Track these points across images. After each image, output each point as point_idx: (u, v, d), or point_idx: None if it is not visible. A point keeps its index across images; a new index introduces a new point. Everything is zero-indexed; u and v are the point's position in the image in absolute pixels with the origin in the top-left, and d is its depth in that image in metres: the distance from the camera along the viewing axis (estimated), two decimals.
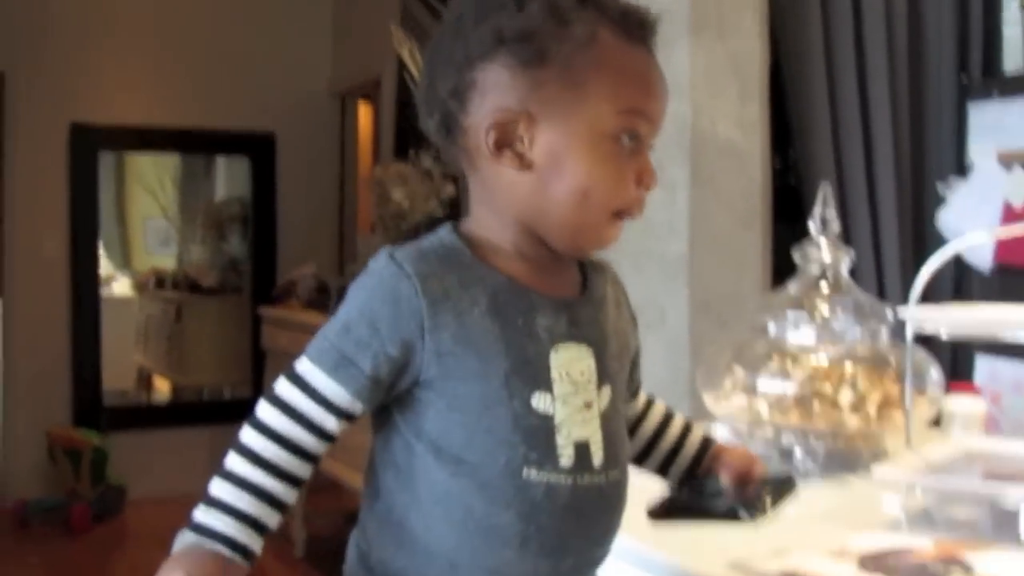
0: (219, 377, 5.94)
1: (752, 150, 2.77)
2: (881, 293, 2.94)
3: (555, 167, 0.93)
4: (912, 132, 3.12)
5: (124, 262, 7.54)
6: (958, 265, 3.04)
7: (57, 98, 5.13)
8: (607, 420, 0.96)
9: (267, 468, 0.89)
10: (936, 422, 1.56)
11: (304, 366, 0.92)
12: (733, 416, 1.52)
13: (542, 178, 0.93)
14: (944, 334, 1.27)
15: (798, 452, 1.46)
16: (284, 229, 5.59)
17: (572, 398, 0.93)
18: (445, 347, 0.90)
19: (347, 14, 5.48)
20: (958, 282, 3.07)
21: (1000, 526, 1.14)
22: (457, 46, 0.95)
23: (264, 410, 0.91)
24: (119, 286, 7.11)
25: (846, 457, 1.49)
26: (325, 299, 4.42)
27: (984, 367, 2.70)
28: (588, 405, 0.94)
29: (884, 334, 1.52)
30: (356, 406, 0.92)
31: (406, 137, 4.56)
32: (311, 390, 0.91)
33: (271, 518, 0.90)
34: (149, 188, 6.57)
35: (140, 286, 6.55)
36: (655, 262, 2.70)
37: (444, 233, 0.97)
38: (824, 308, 1.54)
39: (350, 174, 5.57)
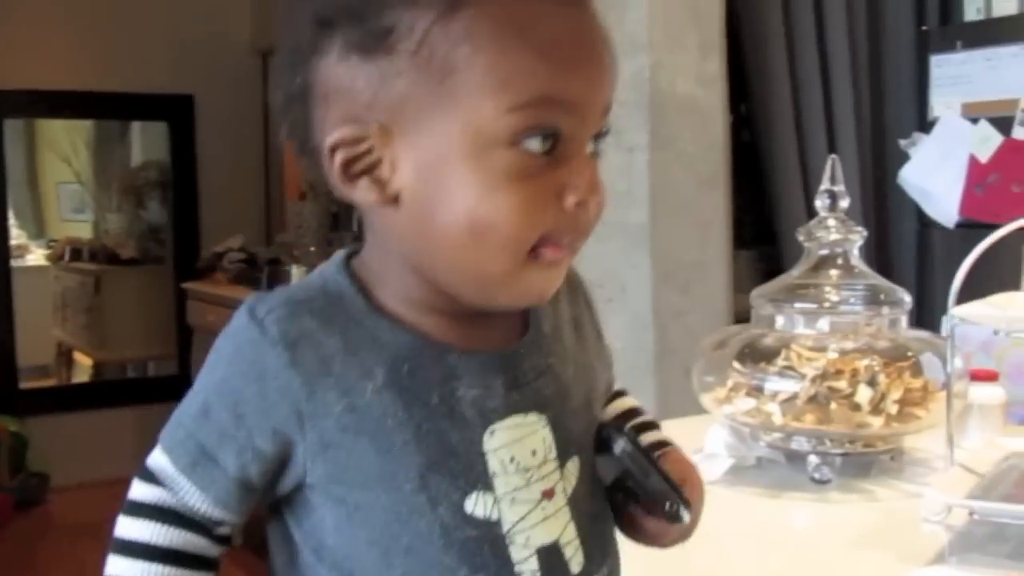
0: (143, 352, 5.69)
1: (713, 106, 2.60)
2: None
3: (429, 197, 0.64)
4: (872, 87, 3.00)
5: (38, 231, 7.21)
6: (921, 219, 2.94)
7: None
8: (579, 505, 0.70)
9: None
10: None
11: (157, 460, 0.68)
12: (737, 419, 1.35)
13: (416, 213, 0.65)
14: (992, 329, 1.11)
15: (813, 459, 1.30)
16: (207, 196, 5.32)
17: (523, 492, 0.67)
18: (331, 439, 0.65)
19: None
20: (921, 236, 2.98)
21: None
22: (286, 34, 0.69)
23: (126, 526, 0.68)
24: (33, 257, 6.79)
25: (861, 461, 1.34)
26: (254, 273, 4.19)
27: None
28: (548, 494, 0.68)
29: (903, 322, 1.36)
30: (225, 515, 0.68)
31: None
32: (171, 490, 0.68)
33: None
34: (62, 154, 6.25)
35: (55, 257, 6.24)
36: (615, 233, 2.52)
37: (332, 270, 0.70)
38: (834, 295, 1.37)
39: (276, 137, 5.32)
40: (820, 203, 1.38)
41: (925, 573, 0.99)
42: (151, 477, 0.68)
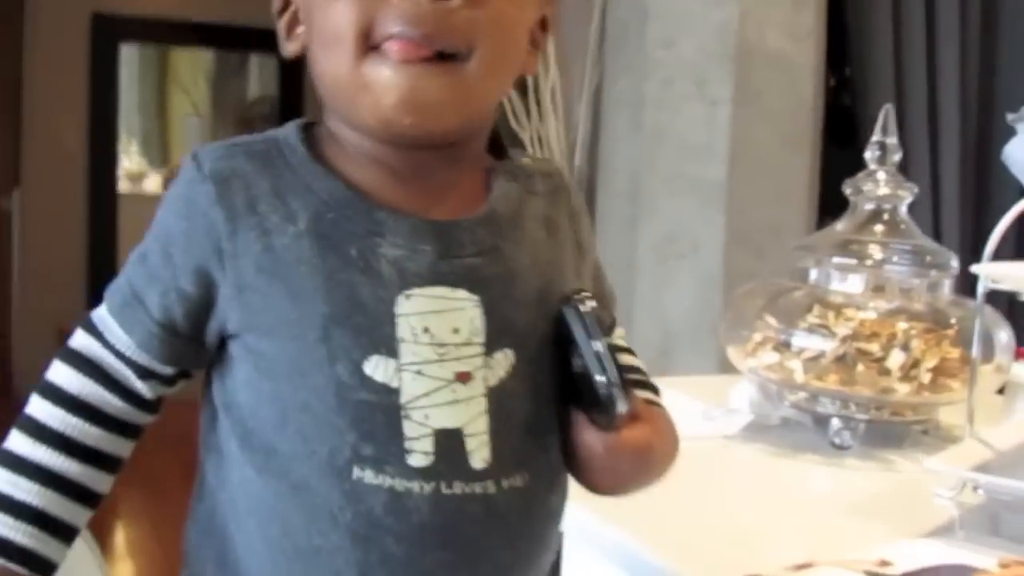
0: None
1: (804, 63, 2.49)
2: (937, 235, 2.70)
3: (310, 31, 0.68)
4: (982, 55, 2.85)
5: (162, 159, 7.44)
6: None
7: None
8: (502, 400, 0.65)
9: (60, 443, 0.66)
10: (1002, 391, 1.33)
11: (99, 309, 0.69)
12: (760, 375, 1.29)
13: (311, 53, 0.69)
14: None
15: (835, 422, 1.24)
16: None
17: (433, 367, 0.63)
18: (247, 281, 0.64)
19: None
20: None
21: None
22: None
23: (53, 370, 0.68)
24: (151, 183, 7.00)
25: (891, 431, 1.27)
26: None
27: None
28: (464, 378, 0.64)
29: (946, 288, 1.28)
30: (150, 362, 0.67)
31: None
32: (102, 337, 0.68)
33: (77, 515, 0.67)
34: (183, 85, 6.42)
35: (168, 184, 6.43)
36: (690, 187, 2.45)
37: (288, 127, 0.70)
38: (877, 253, 1.30)
39: None
40: (870, 155, 1.31)
41: (909, 544, 0.93)
42: (89, 325, 0.69)
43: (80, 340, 0.69)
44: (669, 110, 2.47)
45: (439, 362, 0.64)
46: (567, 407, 0.68)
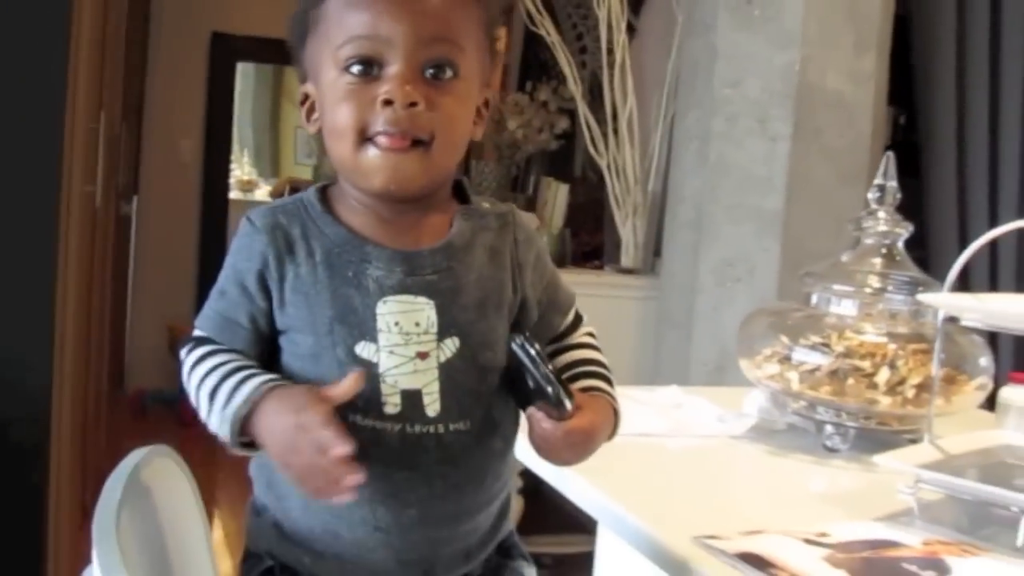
0: None
1: (863, 103, 2.65)
2: (993, 271, 2.81)
3: (324, 120, 0.96)
4: None
5: (272, 170, 7.80)
6: None
7: (199, 7, 5.27)
8: (450, 371, 0.93)
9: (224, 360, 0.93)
10: (991, 407, 1.50)
11: (192, 334, 0.96)
12: (764, 384, 1.48)
13: (324, 134, 0.96)
14: (980, 324, 1.20)
15: (828, 428, 1.42)
16: None
17: (401, 348, 0.92)
18: (287, 297, 0.93)
19: None
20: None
21: (1002, 531, 1.09)
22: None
23: (188, 371, 0.94)
24: (261, 193, 7.35)
25: (881, 438, 1.44)
26: None
27: None
28: (423, 356, 0.92)
29: (937, 315, 1.45)
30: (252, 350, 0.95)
31: (529, 67, 4.53)
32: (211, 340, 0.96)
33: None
34: (294, 99, 6.74)
35: (275, 194, 6.75)
36: (750, 216, 2.63)
37: (310, 191, 0.99)
38: (875, 282, 1.47)
39: None
40: (871, 195, 1.49)
41: (850, 522, 1.11)
42: (186, 344, 0.96)
43: (192, 351, 0.95)
44: (733, 144, 2.65)
45: (405, 345, 0.92)
46: (530, 407, 0.93)
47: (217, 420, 0.89)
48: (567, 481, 1.26)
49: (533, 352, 0.92)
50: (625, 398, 1.03)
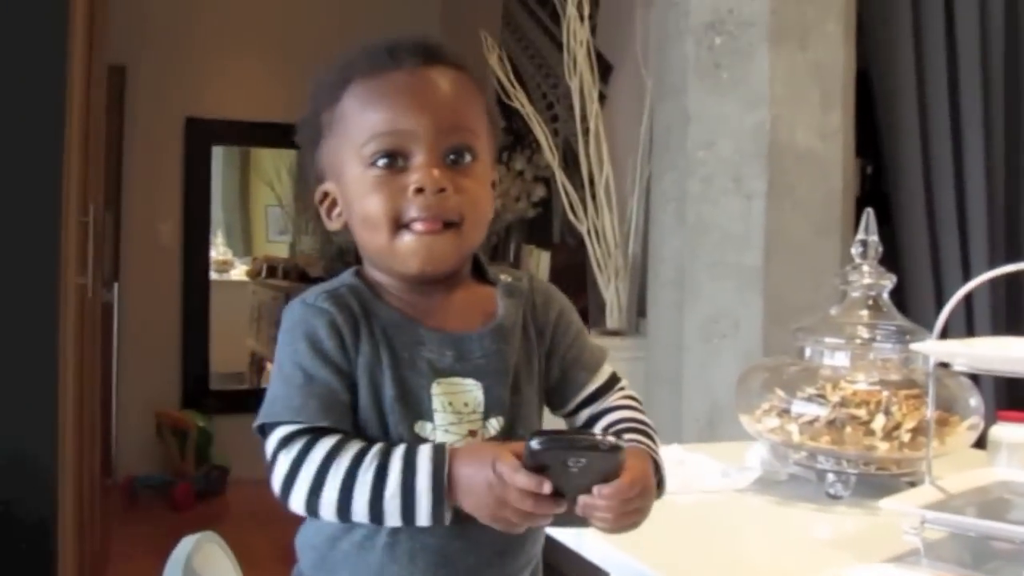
0: None
1: (833, 158, 2.74)
2: (969, 315, 2.88)
3: (351, 214, 1.01)
4: (1007, 145, 3.04)
5: (245, 249, 7.83)
6: None
7: (173, 93, 5.34)
8: None
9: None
10: (981, 446, 1.56)
11: (278, 436, 0.95)
12: (765, 437, 1.53)
13: (353, 225, 1.02)
14: (967, 369, 1.27)
15: (830, 476, 1.47)
16: None
17: (454, 427, 0.97)
18: (357, 372, 0.97)
19: (453, 16, 5.55)
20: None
21: (1006, 565, 1.14)
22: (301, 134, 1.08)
23: (313, 469, 0.93)
24: (236, 272, 7.38)
25: (881, 483, 1.49)
26: None
27: None
28: (473, 434, 0.98)
29: (928, 361, 1.51)
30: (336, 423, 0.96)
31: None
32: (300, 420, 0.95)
33: None
34: (266, 179, 6.79)
35: (253, 273, 6.78)
36: (731, 272, 2.70)
37: (347, 276, 1.04)
38: (864, 332, 1.54)
39: None
40: (855, 250, 1.55)
41: (862, 566, 1.16)
42: (285, 444, 0.94)
43: (290, 452, 0.94)
44: (709, 203, 2.72)
45: (458, 424, 0.97)
46: (580, 498, 0.90)
47: (399, 498, 0.90)
48: (584, 539, 1.30)
49: (558, 442, 0.88)
50: None
